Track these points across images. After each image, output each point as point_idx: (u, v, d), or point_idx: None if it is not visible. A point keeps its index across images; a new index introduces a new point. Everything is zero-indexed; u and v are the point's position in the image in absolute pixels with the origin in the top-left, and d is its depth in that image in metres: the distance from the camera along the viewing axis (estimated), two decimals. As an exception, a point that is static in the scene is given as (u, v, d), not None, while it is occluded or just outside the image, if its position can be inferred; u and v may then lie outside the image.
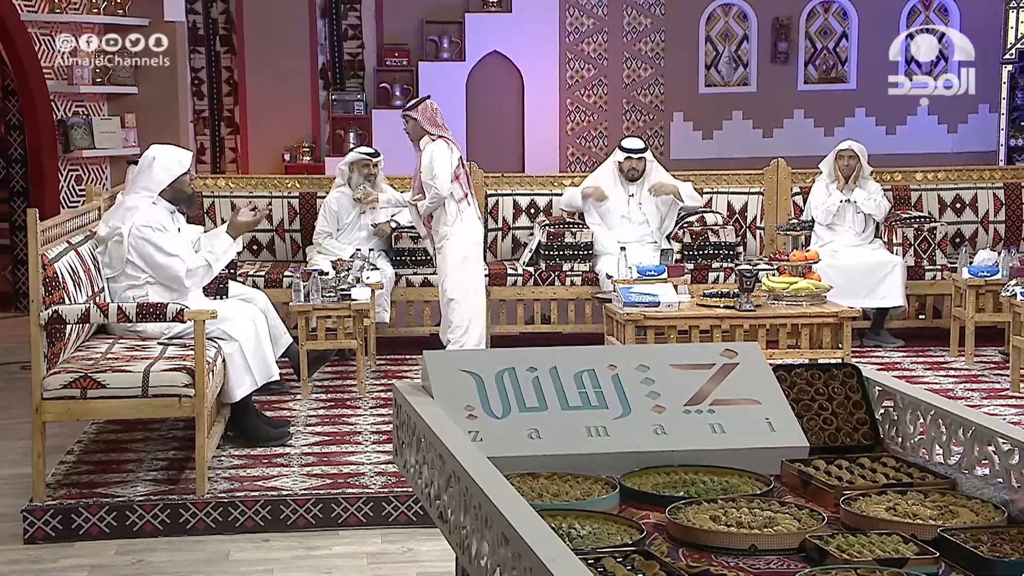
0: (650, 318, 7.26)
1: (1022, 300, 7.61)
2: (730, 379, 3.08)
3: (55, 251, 6.11)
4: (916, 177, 9.90)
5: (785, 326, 7.37)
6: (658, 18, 12.55)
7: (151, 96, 11.16)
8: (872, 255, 9.13)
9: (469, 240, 8.40)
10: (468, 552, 2.38)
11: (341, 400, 7.70)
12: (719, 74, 12.92)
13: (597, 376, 3.05)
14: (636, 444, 2.93)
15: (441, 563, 5.38)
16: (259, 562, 5.44)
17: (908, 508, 2.60)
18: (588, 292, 9.02)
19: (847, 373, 3.23)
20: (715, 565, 2.36)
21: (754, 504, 2.64)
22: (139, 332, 6.55)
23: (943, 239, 9.40)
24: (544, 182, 9.76)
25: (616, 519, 2.57)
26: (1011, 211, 9.85)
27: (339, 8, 12.61)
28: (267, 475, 6.17)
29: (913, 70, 13.06)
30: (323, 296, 7.72)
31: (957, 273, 8.69)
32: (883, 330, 9.21)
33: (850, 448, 3.09)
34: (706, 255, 9.14)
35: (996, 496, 2.64)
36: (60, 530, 5.65)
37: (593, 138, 12.37)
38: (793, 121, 12.84)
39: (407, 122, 8.34)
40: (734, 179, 9.83)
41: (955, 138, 12.94)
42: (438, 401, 2.95)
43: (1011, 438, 2.75)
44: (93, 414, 5.99)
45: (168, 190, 6.74)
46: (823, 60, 13.00)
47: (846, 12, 12.96)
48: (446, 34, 12.45)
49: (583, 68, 12.51)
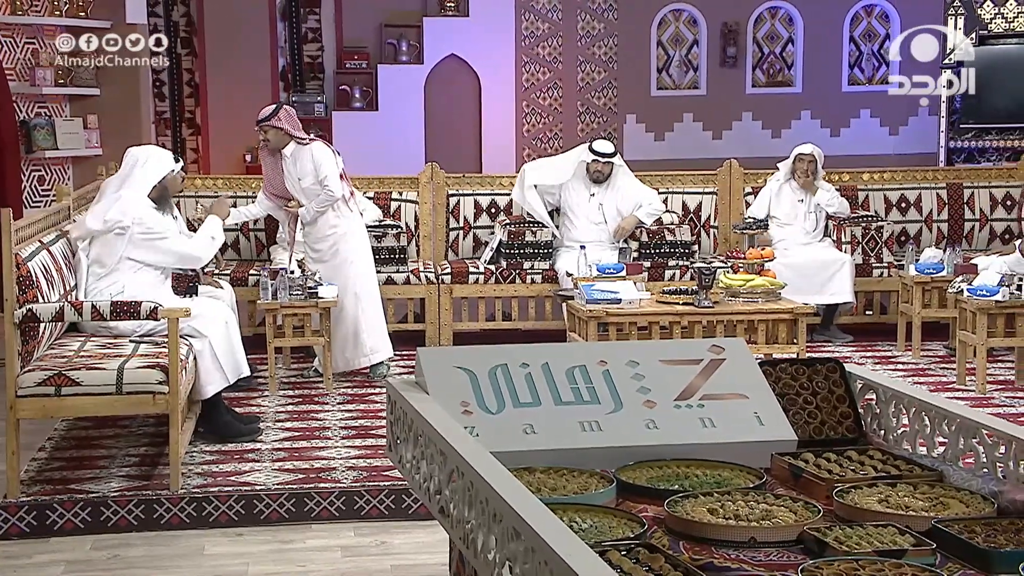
0: (612, 315, 7.24)
1: (968, 296, 7.66)
2: (718, 374, 3.06)
3: (28, 250, 6.02)
4: (863, 178, 9.97)
5: (742, 322, 7.37)
6: (611, 23, 12.56)
7: (113, 97, 11.03)
8: (822, 253, 9.17)
9: (362, 238, 8.07)
10: (473, 546, 2.34)
11: (308, 396, 7.63)
12: (670, 77, 12.96)
13: (588, 372, 3.02)
14: (629, 438, 2.91)
15: (414, 555, 5.35)
16: (234, 556, 5.37)
17: (900, 500, 2.59)
18: (548, 289, 8.99)
19: (830, 368, 3.22)
20: (717, 557, 2.34)
21: (749, 497, 2.61)
22: (111, 329, 6.47)
23: (889, 238, 9.46)
24: (504, 182, 9.71)
25: (616, 512, 2.54)
26: (953, 211, 9.92)
27: (299, 11, 12.53)
28: (239, 470, 6.10)
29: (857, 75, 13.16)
30: (290, 294, 7.65)
31: (904, 270, 8.74)
32: (833, 325, 9.25)
33: (835, 441, 3.08)
34: (662, 253, 9.14)
35: (985, 488, 2.64)
36: (35, 526, 5.55)
37: (548, 139, 12.37)
38: (741, 123, 12.90)
39: (266, 132, 7.82)
40: (688, 179, 9.85)
41: (896, 140, 13.05)
42: (433, 397, 2.91)
43: (997, 431, 2.74)
44: (67, 411, 5.89)
45: (156, 188, 6.74)
46: (770, 64, 13.07)
47: (792, 18, 13.03)
48: (405, 37, 12.41)
49: (538, 71, 12.50)
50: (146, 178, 6.74)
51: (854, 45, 13.17)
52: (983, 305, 7.51)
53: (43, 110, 10.86)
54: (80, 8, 10.84)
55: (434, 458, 2.68)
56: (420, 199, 9.51)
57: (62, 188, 7.97)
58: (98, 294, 6.49)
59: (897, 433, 3.12)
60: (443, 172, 9.60)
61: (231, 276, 8.67)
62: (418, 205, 9.50)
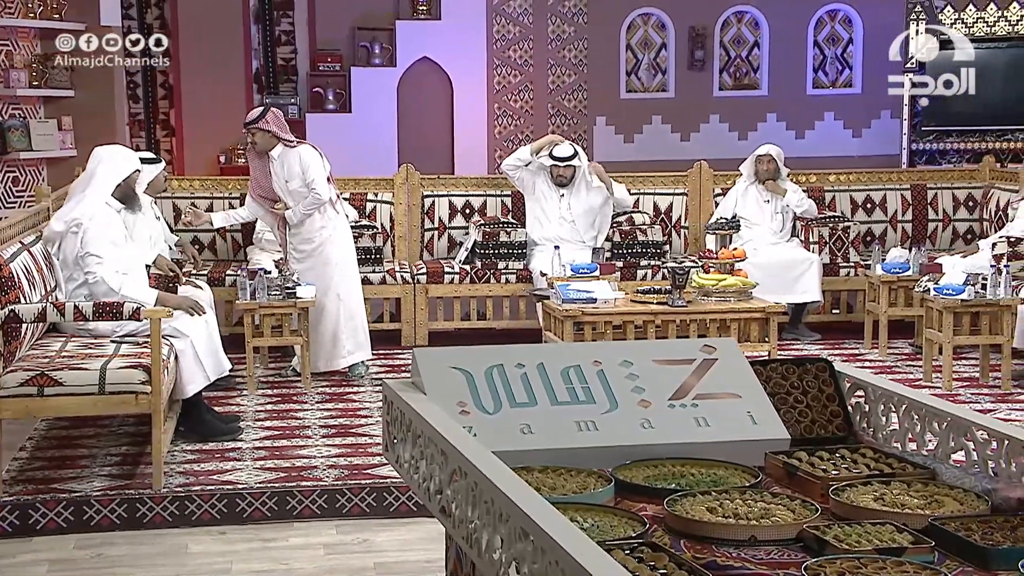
0: (588, 314, 7.23)
1: (935, 296, 7.69)
2: (711, 374, 3.04)
3: (9, 251, 5.95)
4: (830, 179, 10.00)
5: (715, 321, 7.38)
6: (581, 26, 12.55)
7: (87, 99, 10.90)
8: (790, 253, 9.19)
9: (347, 241, 7.99)
10: (477, 546, 2.32)
11: (287, 395, 7.58)
12: (639, 80, 12.96)
13: (583, 372, 3.00)
14: (624, 438, 2.89)
15: (396, 553, 5.33)
16: (217, 554, 5.32)
17: (895, 498, 2.58)
18: (522, 289, 8.97)
19: (820, 367, 3.21)
20: (719, 556, 2.32)
21: (747, 496, 2.60)
22: (91, 330, 6.40)
23: (856, 238, 9.49)
24: (479, 183, 9.70)
25: (616, 512, 2.52)
26: (917, 211, 9.97)
27: (272, 14, 12.45)
28: (221, 469, 6.05)
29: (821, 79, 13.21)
30: (268, 294, 7.61)
31: (871, 270, 8.77)
32: (800, 324, 9.27)
33: (825, 439, 3.07)
34: (634, 253, 9.14)
35: (978, 485, 2.63)
36: (18, 525, 5.50)
37: (520, 141, 12.30)
38: (709, 125, 12.91)
39: (253, 135, 7.72)
40: (659, 181, 9.86)
41: (860, 142, 13.11)
42: (431, 398, 2.88)
43: (988, 428, 2.74)
44: (50, 411, 5.82)
45: (119, 188, 6.66)
46: (736, 68, 13.09)
47: (758, 22, 13.06)
48: (377, 40, 12.34)
49: (510, 74, 12.48)
50: (108, 178, 6.65)
51: (818, 49, 13.21)
52: (949, 304, 7.54)
53: (17, 111, 10.74)
54: (54, 11, 10.74)
55: (434, 458, 2.65)
56: (395, 200, 9.47)
57: (41, 189, 7.90)
58: (73, 296, 6.41)
59: (887, 431, 3.11)
60: (418, 173, 9.57)
61: (208, 276, 8.60)
62: (393, 206, 9.47)
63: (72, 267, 6.45)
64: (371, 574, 5.11)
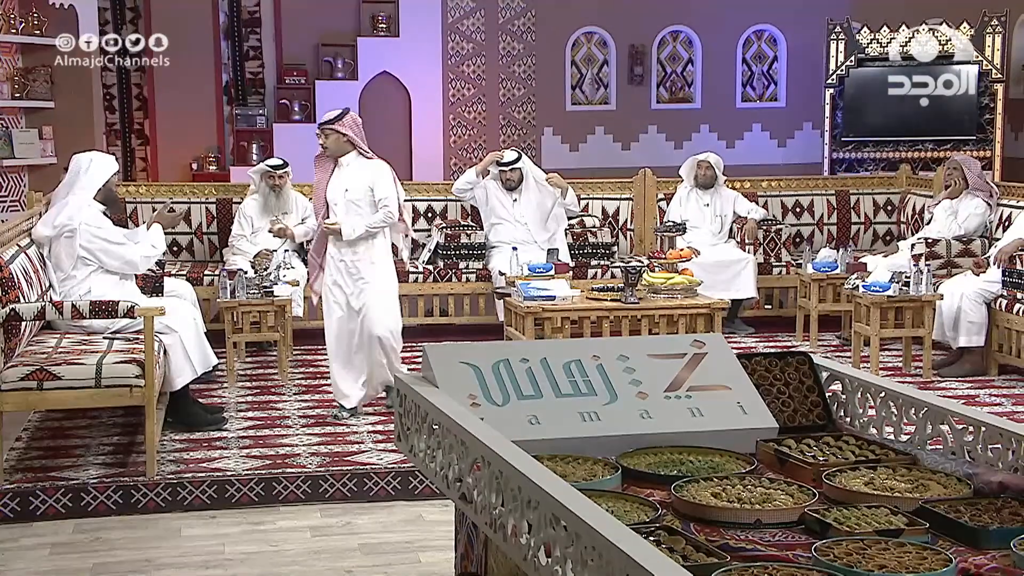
0: (548, 310, 7.20)
1: (864, 292, 7.75)
2: (702, 367, 3.02)
3: (8, 253, 5.82)
4: (762, 184, 10.03)
5: (665, 316, 7.37)
6: (530, 43, 12.54)
7: (67, 109, 10.74)
8: (728, 253, 9.20)
9: (392, 267, 6.80)
10: (503, 530, 2.28)
11: (266, 387, 7.48)
12: (583, 94, 12.97)
13: (584, 366, 2.97)
14: (625, 428, 2.85)
15: (378, 534, 5.27)
16: (210, 537, 5.24)
17: (883, 482, 2.56)
18: (482, 287, 8.93)
19: (800, 360, 3.19)
20: (728, 538, 2.29)
21: (746, 481, 2.57)
22: (84, 327, 6.28)
23: (787, 239, 9.53)
24: (440, 189, 9.65)
25: (627, 497, 2.49)
26: (841, 215, 10.03)
27: (241, 31, 12.35)
28: (210, 457, 5.96)
29: (749, 93, 13.29)
30: (247, 293, 7.51)
31: (803, 269, 8.82)
32: (737, 319, 9.28)
33: (807, 427, 3.06)
34: (585, 254, 9.13)
35: (959, 470, 2.62)
36: (19, 511, 5.39)
37: (474, 150, 12.30)
38: (648, 136, 12.97)
39: (326, 136, 6.49)
40: (607, 187, 9.85)
41: (784, 151, 13.21)
42: (443, 391, 2.83)
43: (965, 416, 2.74)
44: (49, 404, 5.68)
45: (101, 192, 6.56)
46: (672, 82, 13.14)
47: (691, 41, 13.12)
48: (340, 56, 12.28)
49: (464, 87, 12.43)
50: (91, 182, 6.54)
51: (746, 66, 13.30)
52: (876, 300, 7.60)
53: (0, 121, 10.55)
54: (35, 27, 10.55)
55: (453, 448, 2.60)
56: (361, 204, 9.36)
57: (33, 195, 7.75)
58: (66, 295, 6.29)
59: (863, 419, 3.10)
60: (383, 180, 9.47)
61: (187, 276, 8.48)
62: (360, 210, 9.36)
63: (68, 268, 6.33)
64: (356, 554, 5.05)
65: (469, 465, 2.49)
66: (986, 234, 8.56)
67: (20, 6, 10.55)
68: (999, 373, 7.80)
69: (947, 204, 8.73)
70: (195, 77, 11.97)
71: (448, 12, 12.35)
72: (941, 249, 8.30)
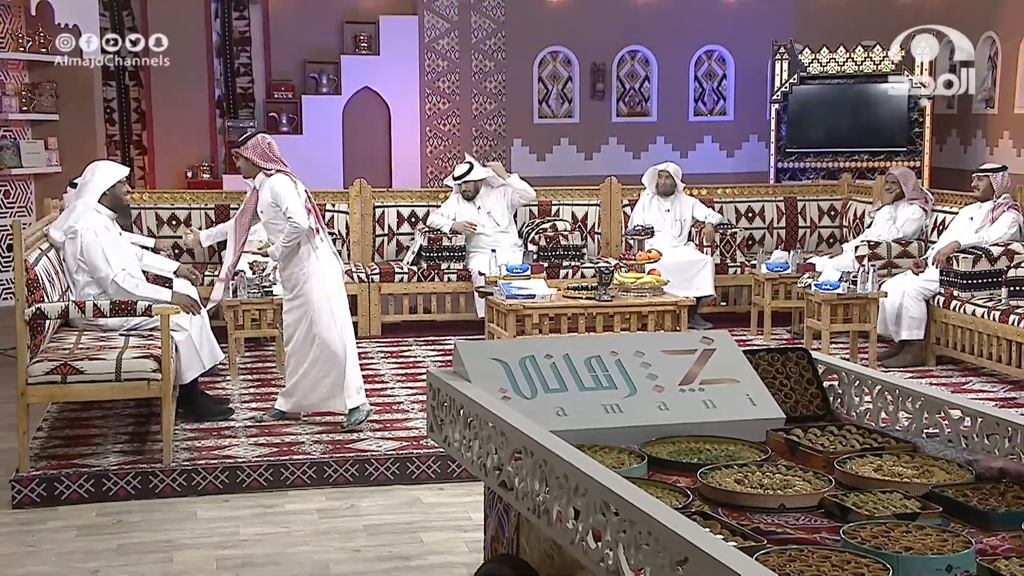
0: (528, 308, 7.17)
1: (815, 290, 7.78)
2: (712, 362, 2.99)
3: (32, 256, 5.71)
4: (718, 192, 10.05)
5: (636, 313, 7.37)
6: (500, 61, 12.50)
7: (70, 122, 10.66)
8: (687, 254, 9.20)
9: (330, 278, 6.11)
10: (547, 516, 2.24)
11: (266, 380, 7.39)
12: (549, 108, 12.95)
13: (604, 361, 2.93)
14: (645, 419, 2.82)
15: (381, 516, 5.23)
16: (224, 519, 5.17)
17: (891, 468, 2.54)
18: (463, 287, 8.89)
19: (799, 355, 3.18)
20: (757, 522, 2.26)
21: (764, 468, 2.55)
22: (100, 325, 6.16)
23: (741, 241, 9.56)
24: (423, 196, 9.60)
25: (656, 484, 2.45)
26: (789, 219, 10.07)
27: (233, 49, 12.24)
28: (220, 445, 5.88)
29: (700, 108, 13.32)
30: (248, 292, 7.42)
31: (757, 269, 8.85)
32: (696, 315, 9.28)
33: (808, 417, 3.04)
34: (557, 255, 9.09)
35: (959, 457, 2.61)
36: (45, 496, 5.30)
37: (448, 159, 12.24)
38: (608, 146, 12.97)
39: (237, 160, 6.16)
40: (576, 194, 9.83)
41: (733, 161, 13.25)
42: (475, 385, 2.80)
43: (961, 406, 2.73)
44: (73, 396, 5.58)
45: (107, 196, 6.39)
46: (631, 98, 13.14)
47: (648, 60, 13.13)
48: (325, 72, 12.20)
49: (439, 101, 12.37)
50: (96, 186, 6.39)
51: (698, 83, 13.33)
52: (827, 297, 7.64)
53: (8, 133, 10.44)
54: (41, 45, 10.41)
55: (491, 438, 2.56)
56: (350, 210, 9.31)
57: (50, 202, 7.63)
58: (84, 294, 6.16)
59: (860, 409, 3.09)
60: (370, 187, 9.43)
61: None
62: (348, 215, 9.30)
63: (75, 270, 6.21)
64: (361, 534, 5.00)
65: (509, 454, 2.45)
66: (922, 237, 8.62)
67: (27, 25, 10.41)
68: (937, 364, 7.86)
69: (887, 210, 8.79)
70: (190, 92, 11.92)
71: (425, 32, 12.30)
72: (882, 251, 8.35)
